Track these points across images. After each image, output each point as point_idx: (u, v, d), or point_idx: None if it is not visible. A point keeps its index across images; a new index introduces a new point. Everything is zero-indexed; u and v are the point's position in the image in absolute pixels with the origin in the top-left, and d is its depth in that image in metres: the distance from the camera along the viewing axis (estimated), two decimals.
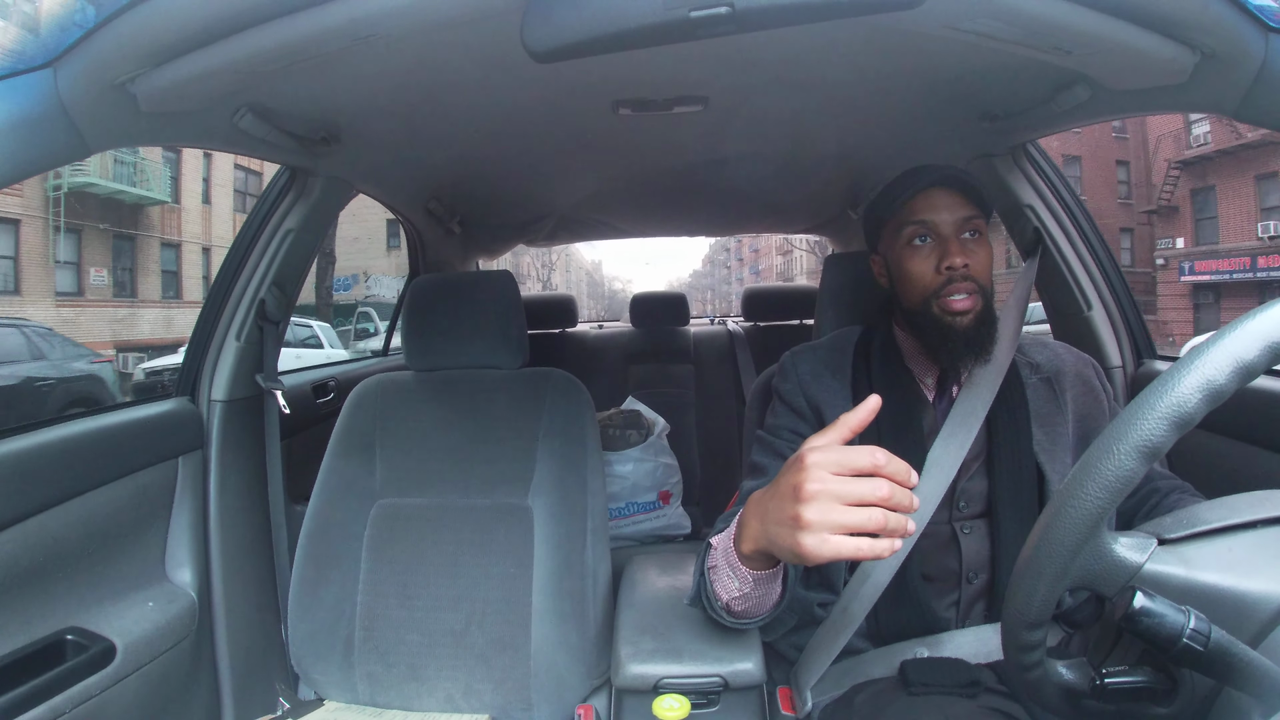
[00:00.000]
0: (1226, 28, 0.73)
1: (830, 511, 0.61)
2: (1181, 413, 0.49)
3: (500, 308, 1.30)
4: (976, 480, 0.97)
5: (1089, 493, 0.52)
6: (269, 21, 0.74)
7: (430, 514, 1.23)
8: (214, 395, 1.33)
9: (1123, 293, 1.39)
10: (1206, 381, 0.49)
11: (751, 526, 0.72)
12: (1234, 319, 0.51)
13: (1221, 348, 0.49)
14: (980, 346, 0.94)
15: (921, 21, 0.77)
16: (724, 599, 0.83)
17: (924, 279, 0.95)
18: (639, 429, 2.11)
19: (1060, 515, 0.53)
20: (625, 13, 0.68)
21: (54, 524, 1.00)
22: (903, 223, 0.97)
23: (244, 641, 1.31)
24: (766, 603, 0.83)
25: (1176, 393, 0.49)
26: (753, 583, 0.78)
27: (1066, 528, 0.53)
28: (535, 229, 2.43)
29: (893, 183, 1.00)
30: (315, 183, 1.37)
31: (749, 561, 0.76)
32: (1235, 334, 0.49)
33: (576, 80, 1.12)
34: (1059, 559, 0.54)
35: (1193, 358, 0.50)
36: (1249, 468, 1.09)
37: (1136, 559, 0.55)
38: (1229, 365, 0.49)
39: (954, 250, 0.93)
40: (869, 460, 0.61)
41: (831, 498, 0.61)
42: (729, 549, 0.79)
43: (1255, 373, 0.49)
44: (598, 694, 1.16)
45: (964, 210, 0.95)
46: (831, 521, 0.61)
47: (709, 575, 0.86)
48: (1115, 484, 0.51)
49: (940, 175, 0.95)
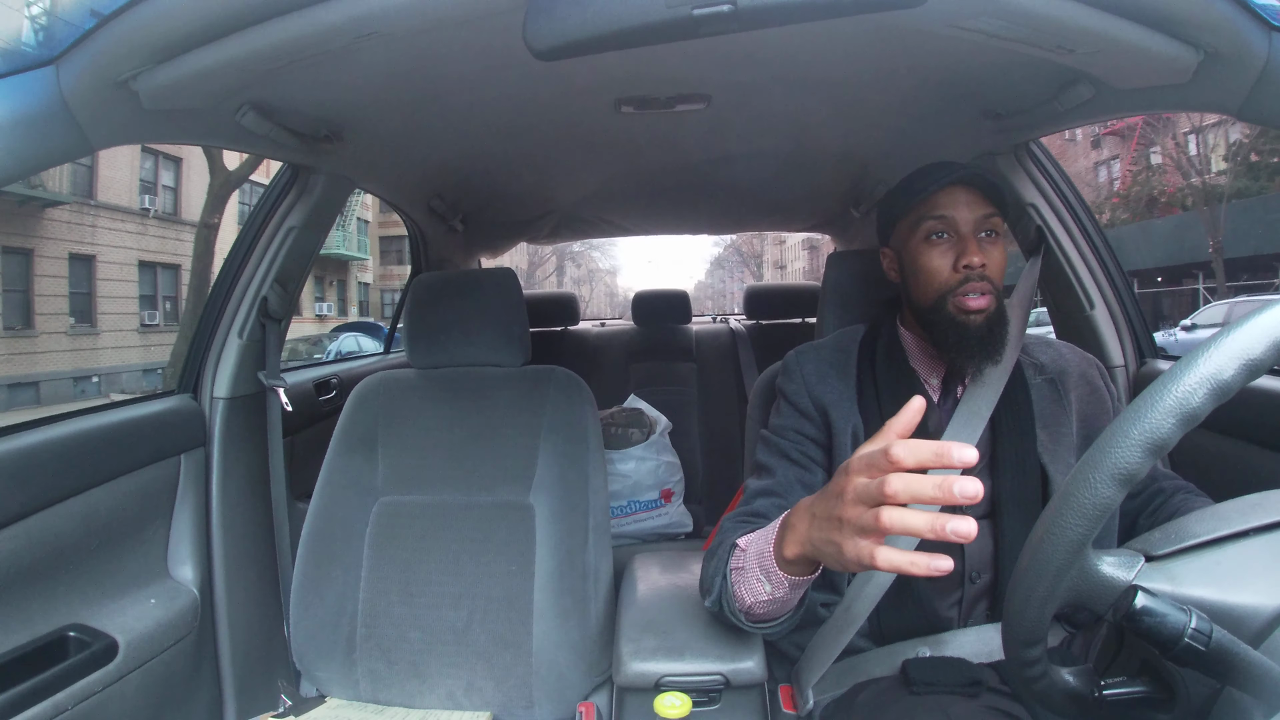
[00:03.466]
0: (1230, 27, 0.73)
1: (866, 514, 0.59)
2: (1188, 407, 0.49)
3: (502, 305, 1.30)
4: (980, 481, 0.97)
5: (1091, 490, 0.52)
6: (271, 19, 0.74)
7: (432, 511, 1.23)
8: (216, 392, 1.33)
9: (1125, 292, 1.38)
10: (1213, 376, 0.49)
11: (798, 530, 0.71)
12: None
13: (1229, 343, 0.49)
14: (993, 347, 0.94)
15: (924, 20, 0.77)
16: (747, 602, 0.83)
17: (940, 275, 0.95)
18: (641, 427, 2.11)
19: (1057, 516, 0.53)
20: (627, 11, 0.68)
21: (56, 521, 1.00)
22: (921, 217, 0.96)
23: (246, 638, 1.31)
24: (789, 606, 0.83)
25: (1183, 387, 0.49)
26: (787, 588, 0.77)
27: (1058, 537, 0.53)
28: (537, 227, 2.43)
29: (913, 176, 0.99)
30: (317, 180, 1.37)
31: (789, 567, 0.75)
32: (1243, 329, 0.49)
33: (579, 78, 1.12)
34: (1046, 580, 0.54)
35: (1200, 353, 0.50)
36: (1249, 467, 1.09)
37: (1124, 577, 0.55)
38: (1236, 361, 0.49)
39: (972, 249, 0.92)
40: (910, 456, 0.57)
41: (872, 501, 0.58)
42: (765, 553, 0.79)
43: (1262, 369, 0.49)
44: (599, 691, 1.16)
45: (984, 210, 0.94)
46: (870, 522, 0.58)
47: (731, 577, 0.85)
48: (1119, 477, 0.51)
49: (964, 173, 0.95)
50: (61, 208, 11.52)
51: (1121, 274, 1.39)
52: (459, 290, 1.33)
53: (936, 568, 0.55)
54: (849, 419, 0.99)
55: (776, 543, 0.76)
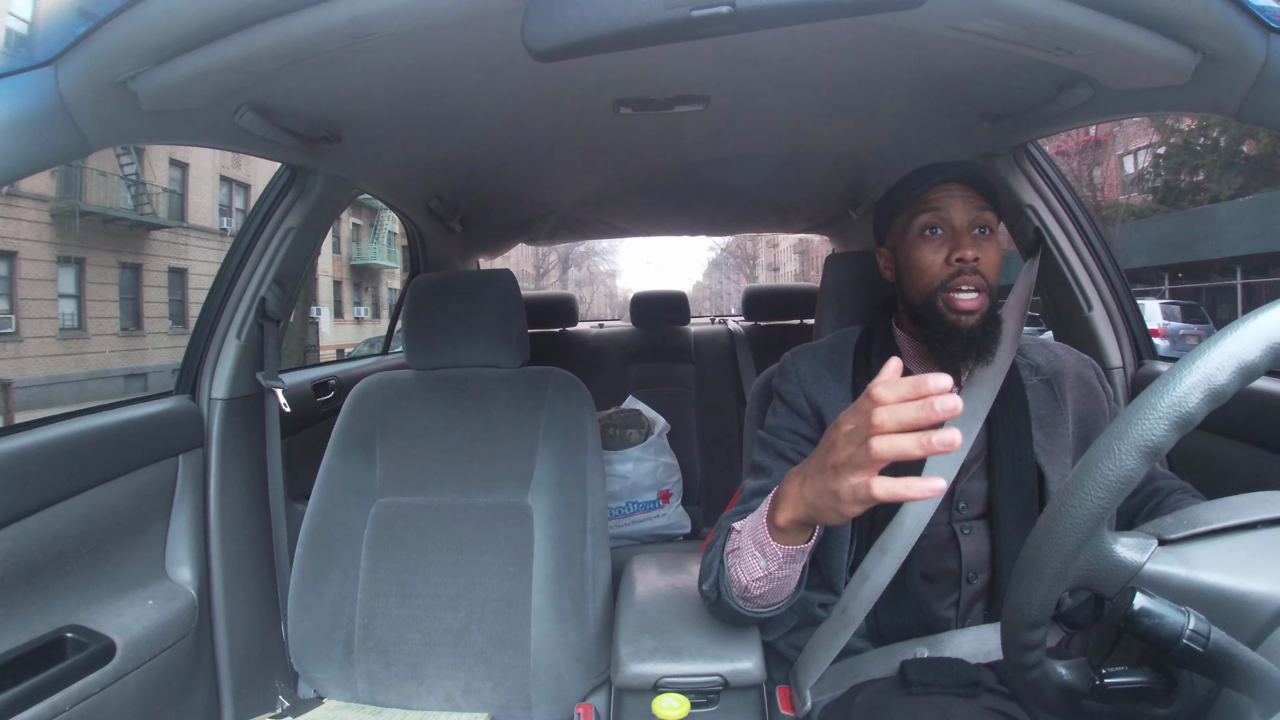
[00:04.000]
0: (1228, 28, 0.73)
1: (860, 451, 0.62)
2: (1182, 412, 0.49)
3: (500, 307, 1.30)
4: (976, 482, 0.97)
5: (1089, 492, 0.52)
6: (270, 20, 0.74)
7: (430, 513, 1.23)
8: (214, 393, 1.33)
9: (1123, 293, 1.39)
10: (1207, 381, 0.49)
11: (790, 495, 0.74)
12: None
13: (1223, 348, 0.49)
14: (983, 346, 0.94)
15: (923, 21, 0.77)
16: (744, 582, 0.84)
17: (932, 269, 0.95)
18: (639, 428, 2.11)
19: (1061, 515, 0.53)
20: (626, 12, 0.68)
21: (54, 522, 1.00)
22: (916, 214, 0.97)
23: (244, 640, 1.31)
24: (785, 588, 0.84)
25: (1177, 392, 0.49)
26: (781, 559, 0.79)
27: (1067, 527, 0.53)
28: (536, 228, 2.43)
29: (909, 175, 1.00)
30: (316, 181, 1.37)
31: (783, 535, 0.77)
32: (1237, 334, 0.49)
33: (577, 79, 1.12)
34: (1059, 558, 0.54)
35: (1194, 357, 0.50)
36: (1249, 468, 1.09)
37: (1137, 559, 0.55)
38: (1230, 365, 0.49)
39: (966, 243, 0.93)
40: (890, 393, 0.61)
41: (861, 439, 0.62)
42: (759, 526, 0.80)
43: (1256, 373, 0.49)
44: (597, 693, 1.16)
45: (978, 207, 0.95)
46: (863, 457, 0.62)
47: (728, 560, 0.86)
48: (1116, 483, 0.51)
49: (958, 170, 0.96)
50: (162, 230, 14.14)
51: (1120, 275, 1.39)
52: (457, 291, 1.33)
53: (931, 488, 0.59)
54: None
55: (769, 514, 0.78)
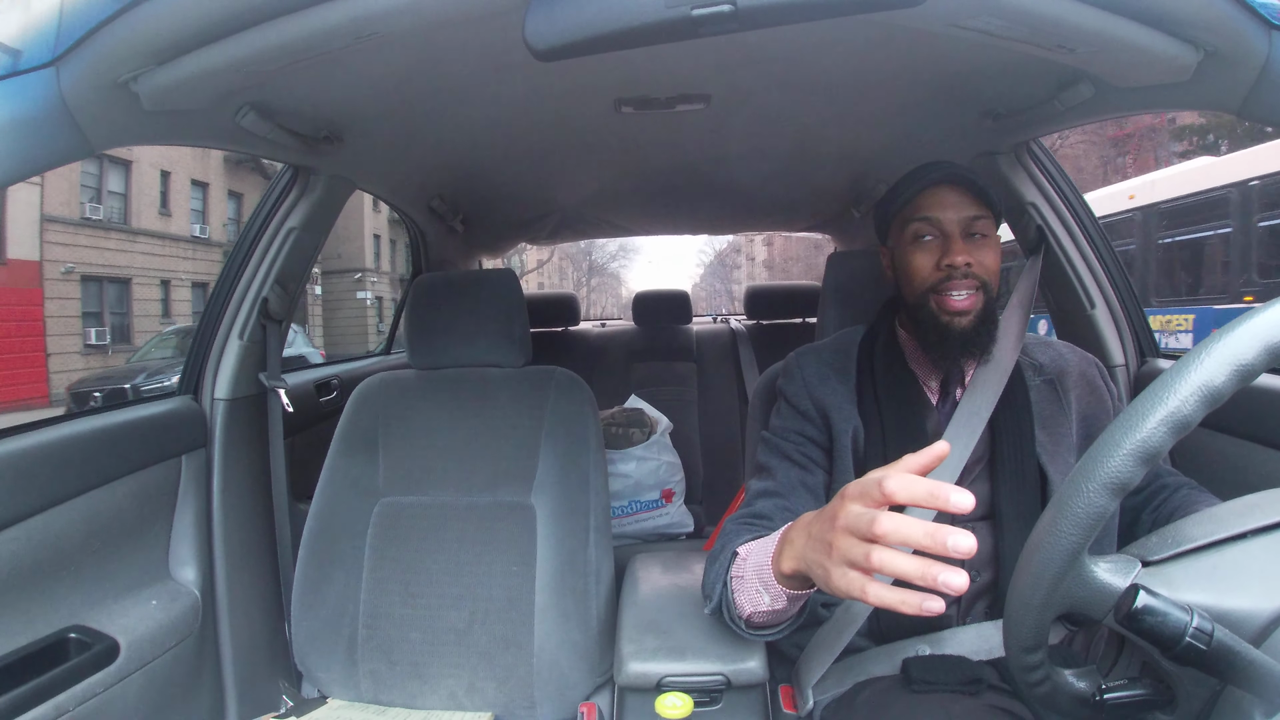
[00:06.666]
0: (1230, 26, 0.73)
1: (855, 547, 0.56)
2: (1179, 416, 0.49)
3: (503, 306, 1.30)
4: (979, 483, 0.97)
5: (1086, 495, 0.52)
6: (271, 20, 0.74)
7: (433, 512, 1.23)
8: (217, 394, 1.33)
9: (1125, 291, 1.38)
10: (1204, 384, 0.49)
11: (795, 545, 0.70)
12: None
13: (1219, 349, 0.49)
14: (977, 347, 0.94)
15: (924, 19, 0.77)
16: (747, 611, 0.83)
17: (923, 273, 0.96)
18: (642, 427, 2.11)
19: (1053, 525, 0.53)
20: (627, 11, 0.68)
21: (57, 522, 1.00)
22: (909, 218, 0.97)
23: (247, 639, 1.31)
24: (788, 616, 0.83)
25: (1174, 396, 0.49)
26: (786, 601, 0.77)
27: (1054, 546, 0.53)
28: (538, 227, 2.43)
29: (903, 178, 1.00)
30: (318, 181, 1.37)
31: (787, 581, 0.73)
32: (1233, 335, 0.49)
33: (579, 79, 1.12)
34: (1043, 590, 0.54)
35: (1190, 360, 0.50)
36: (1250, 466, 1.09)
37: (1120, 584, 0.55)
38: (1227, 367, 0.49)
39: (956, 249, 0.93)
40: (903, 491, 0.53)
41: (863, 532, 0.56)
42: (764, 565, 0.78)
43: (1253, 375, 0.49)
44: (600, 692, 1.16)
45: (970, 209, 0.95)
46: (860, 558, 0.55)
47: (732, 585, 0.85)
48: (1112, 487, 0.51)
49: (947, 172, 0.95)
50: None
51: (1122, 273, 1.39)
52: (459, 291, 1.33)
53: (927, 609, 0.52)
54: (849, 420, 1.00)
55: (775, 555, 0.75)
